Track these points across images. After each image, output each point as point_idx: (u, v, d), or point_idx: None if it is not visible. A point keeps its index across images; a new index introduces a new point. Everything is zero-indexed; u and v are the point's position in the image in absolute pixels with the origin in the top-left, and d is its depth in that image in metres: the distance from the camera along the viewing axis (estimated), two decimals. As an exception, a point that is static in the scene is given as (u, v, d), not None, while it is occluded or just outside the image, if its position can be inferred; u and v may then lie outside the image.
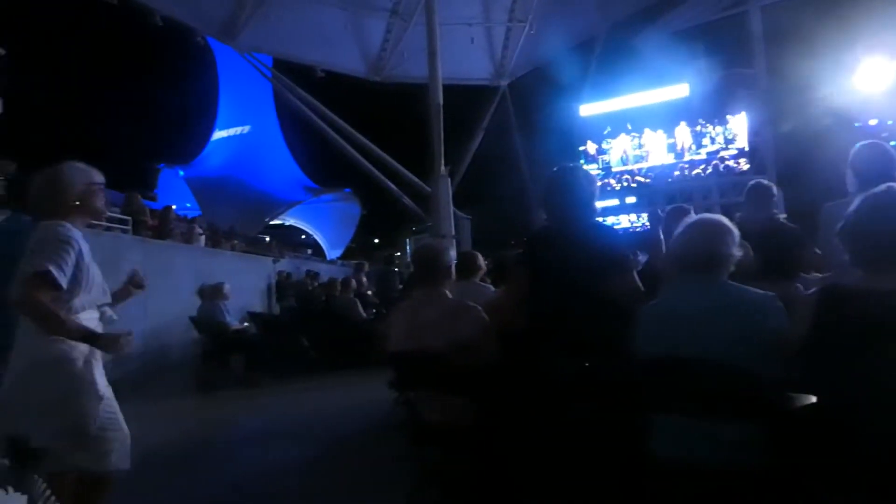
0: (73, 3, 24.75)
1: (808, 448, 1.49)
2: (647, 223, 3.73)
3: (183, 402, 6.25)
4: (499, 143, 18.39)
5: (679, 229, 1.84)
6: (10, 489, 1.22)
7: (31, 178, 2.09)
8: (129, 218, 9.04)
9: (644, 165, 17.87)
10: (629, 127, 18.02)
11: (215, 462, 4.05)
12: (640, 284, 2.27)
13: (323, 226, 42.81)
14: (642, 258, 3.61)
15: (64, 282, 1.86)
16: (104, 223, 8.30)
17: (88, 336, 1.92)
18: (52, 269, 1.83)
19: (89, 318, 1.99)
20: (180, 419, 5.33)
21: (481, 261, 4.10)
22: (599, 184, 2.61)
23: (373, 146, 15.22)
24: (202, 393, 6.54)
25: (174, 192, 34.96)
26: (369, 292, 9.85)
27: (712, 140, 16.83)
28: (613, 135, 18.31)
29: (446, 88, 12.50)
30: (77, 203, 2.04)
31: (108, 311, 2.14)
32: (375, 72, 16.26)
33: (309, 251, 30.00)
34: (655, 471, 1.66)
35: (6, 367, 1.92)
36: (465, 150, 16.51)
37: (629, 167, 18.10)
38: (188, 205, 32.29)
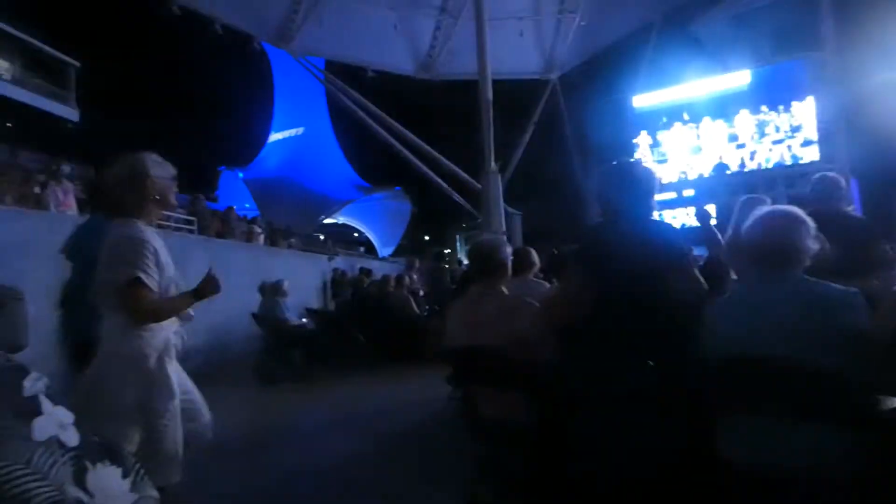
0: (138, 15, 26.13)
1: (893, 453, 1.40)
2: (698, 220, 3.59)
3: (245, 395, 6.50)
4: (550, 138, 18.10)
5: (749, 221, 1.75)
6: (107, 462, 1.30)
7: (110, 169, 2.10)
8: (194, 219, 9.53)
9: (702, 156, 17.17)
10: (686, 117, 17.34)
11: (276, 452, 4.18)
12: (702, 280, 2.19)
13: (374, 224, 43.42)
14: (699, 253, 3.48)
15: (154, 285, 1.95)
16: (172, 224, 8.77)
17: (192, 297, 2.11)
18: (141, 275, 1.91)
19: None
20: (242, 411, 5.54)
21: (535, 257, 4.06)
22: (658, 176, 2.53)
23: (423, 143, 15.30)
24: (263, 386, 6.79)
25: (234, 193, 36.29)
26: (420, 290, 9.95)
27: (777, 128, 15.97)
28: (668, 126, 17.68)
29: (496, 83, 12.37)
30: (157, 197, 2.09)
31: None
32: (425, 69, 16.32)
33: (361, 248, 30.56)
34: (725, 474, 1.59)
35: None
36: (516, 145, 16.34)
37: (686, 158, 17.44)
38: (247, 205, 33.40)
